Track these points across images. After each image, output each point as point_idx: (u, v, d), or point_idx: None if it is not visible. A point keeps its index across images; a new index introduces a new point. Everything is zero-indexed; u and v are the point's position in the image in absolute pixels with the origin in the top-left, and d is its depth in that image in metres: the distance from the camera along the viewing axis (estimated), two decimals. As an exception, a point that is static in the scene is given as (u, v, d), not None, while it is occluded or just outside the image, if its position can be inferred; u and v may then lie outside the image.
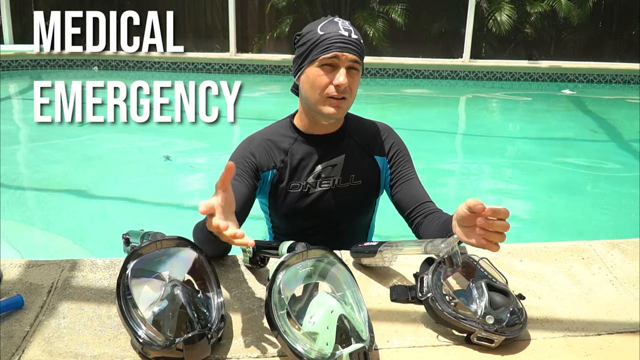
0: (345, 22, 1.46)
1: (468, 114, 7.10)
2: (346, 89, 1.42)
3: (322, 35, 1.42)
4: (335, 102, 1.43)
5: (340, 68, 1.41)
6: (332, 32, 1.42)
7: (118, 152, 4.93)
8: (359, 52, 1.43)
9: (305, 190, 1.55)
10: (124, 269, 1.04)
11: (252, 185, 1.49)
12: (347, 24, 1.46)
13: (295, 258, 1.03)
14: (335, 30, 1.42)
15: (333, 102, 1.43)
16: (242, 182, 1.46)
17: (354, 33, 1.44)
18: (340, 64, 1.41)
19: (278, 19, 9.07)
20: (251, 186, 1.48)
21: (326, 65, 1.42)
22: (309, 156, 1.54)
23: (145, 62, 8.39)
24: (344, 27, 1.43)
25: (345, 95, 1.43)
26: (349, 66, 1.42)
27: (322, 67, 1.42)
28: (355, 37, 1.43)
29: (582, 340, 1.08)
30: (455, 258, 1.06)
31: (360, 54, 1.44)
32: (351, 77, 1.43)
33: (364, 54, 1.46)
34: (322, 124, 1.52)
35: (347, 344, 0.94)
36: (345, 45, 1.41)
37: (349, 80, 1.42)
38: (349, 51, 1.41)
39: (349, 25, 1.46)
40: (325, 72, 1.42)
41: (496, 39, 8.80)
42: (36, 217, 3.68)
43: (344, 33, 1.42)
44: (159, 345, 0.97)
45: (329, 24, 1.44)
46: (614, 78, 8.18)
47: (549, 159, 4.95)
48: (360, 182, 1.57)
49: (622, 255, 1.41)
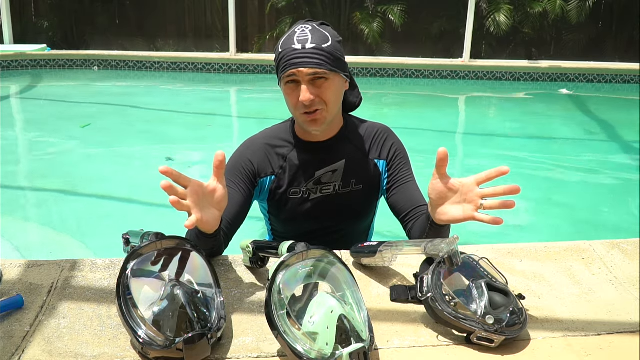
0: (305, 29, 1.39)
1: (468, 114, 7.10)
2: (315, 102, 1.38)
3: (280, 53, 1.39)
4: (309, 116, 1.40)
5: (302, 84, 1.37)
6: (287, 48, 1.38)
7: (119, 152, 4.93)
8: (319, 61, 1.35)
9: (305, 196, 1.54)
10: (124, 269, 1.04)
11: (247, 193, 1.48)
12: (307, 31, 1.38)
13: (295, 258, 1.03)
14: (289, 45, 1.37)
15: (308, 116, 1.41)
16: (237, 191, 1.46)
17: (310, 41, 1.36)
18: (299, 79, 1.37)
19: (278, 19, 9.07)
20: (246, 194, 1.48)
21: (290, 82, 1.39)
22: (308, 162, 1.53)
23: (145, 62, 8.39)
24: (298, 39, 1.37)
25: (319, 107, 1.39)
26: (311, 79, 1.37)
27: (287, 86, 1.40)
28: (312, 46, 1.35)
29: (582, 340, 1.08)
30: (455, 258, 1.06)
31: (322, 62, 1.36)
32: (318, 88, 1.38)
33: (331, 58, 1.37)
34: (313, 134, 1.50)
35: (347, 344, 0.94)
36: (299, 59, 1.35)
37: (317, 91, 1.38)
38: (304, 65, 1.35)
39: (309, 31, 1.38)
40: (292, 90, 1.39)
41: (496, 39, 8.80)
42: (36, 217, 3.68)
43: (297, 47, 1.36)
44: (159, 345, 0.97)
45: (287, 38, 1.40)
46: (614, 78, 8.18)
47: (549, 159, 4.95)
48: (361, 187, 1.56)
49: (622, 255, 1.41)
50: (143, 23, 9.40)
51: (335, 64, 1.39)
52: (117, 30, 9.30)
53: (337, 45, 1.42)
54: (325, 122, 1.44)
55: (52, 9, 9.39)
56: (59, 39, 9.20)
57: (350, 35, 8.89)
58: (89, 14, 9.33)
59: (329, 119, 1.44)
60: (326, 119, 1.43)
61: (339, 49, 1.43)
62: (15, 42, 8.59)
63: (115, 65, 8.41)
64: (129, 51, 8.65)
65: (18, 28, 8.84)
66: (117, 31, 9.28)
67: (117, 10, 9.46)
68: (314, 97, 1.37)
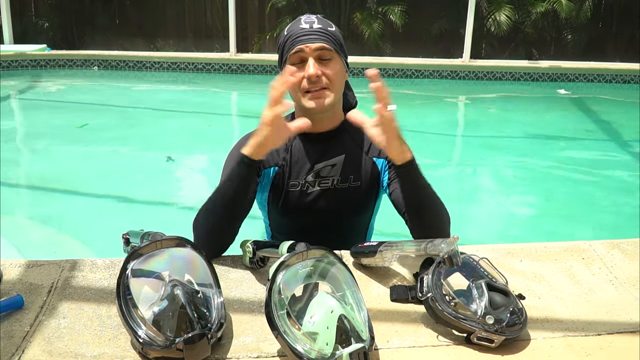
0: (310, 16, 1.47)
1: (468, 113, 7.10)
2: (321, 79, 1.42)
3: (286, 36, 1.46)
4: (314, 94, 1.43)
5: (308, 60, 1.41)
6: (294, 29, 1.44)
7: (119, 152, 4.93)
8: (326, 39, 1.42)
9: (304, 189, 1.54)
10: (124, 269, 1.04)
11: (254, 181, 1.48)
12: (313, 17, 1.46)
13: (295, 258, 1.03)
14: (297, 26, 1.44)
15: (312, 95, 1.43)
16: None
17: (317, 23, 1.44)
18: (307, 56, 1.42)
19: (278, 19, 9.06)
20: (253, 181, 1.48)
21: (296, 63, 1.43)
22: (309, 154, 1.54)
23: (145, 62, 8.38)
24: (306, 20, 1.44)
25: (325, 85, 1.43)
26: (318, 55, 1.42)
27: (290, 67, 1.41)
28: (319, 27, 1.43)
29: (582, 340, 1.08)
30: (455, 258, 1.06)
31: (328, 40, 1.42)
32: (325, 66, 1.42)
33: (336, 40, 1.45)
34: (317, 120, 1.49)
35: (347, 344, 0.94)
36: (306, 36, 1.42)
37: (322, 68, 1.42)
38: (312, 41, 1.41)
39: (315, 17, 1.46)
40: (297, 70, 1.42)
41: (496, 39, 8.80)
42: (36, 217, 3.68)
43: (305, 26, 1.43)
44: (159, 345, 0.97)
45: (294, 23, 1.47)
46: (614, 78, 8.17)
47: (549, 159, 4.95)
48: (359, 184, 1.56)
49: (622, 255, 1.41)
50: (143, 23, 9.40)
51: (339, 47, 1.46)
52: (117, 30, 9.29)
53: (340, 34, 1.49)
54: (330, 102, 1.45)
55: (52, 9, 9.38)
56: (59, 39, 9.19)
57: (350, 35, 8.89)
58: (89, 14, 9.32)
59: (332, 99, 1.46)
60: (330, 98, 1.45)
61: (342, 38, 1.50)
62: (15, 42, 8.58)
63: (115, 65, 8.40)
64: (129, 51, 8.65)
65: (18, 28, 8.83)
66: (117, 31, 9.27)
67: (117, 10, 9.45)
68: (320, 72, 1.41)
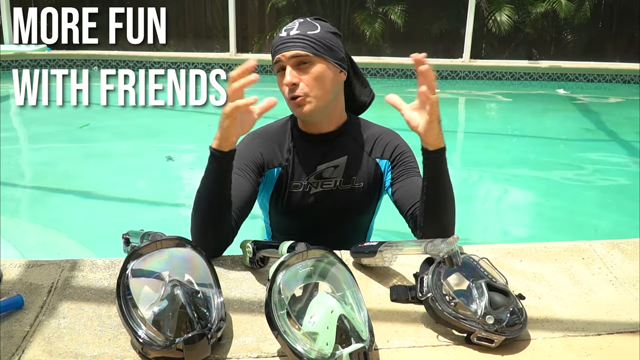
0: (295, 22, 1.46)
1: (468, 113, 7.10)
2: (298, 86, 1.42)
3: (272, 47, 1.48)
4: (296, 101, 1.44)
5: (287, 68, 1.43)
6: (275, 38, 1.46)
7: (119, 152, 4.93)
8: (302, 44, 1.41)
9: (306, 190, 1.54)
10: (124, 269, 1.04)
11: (255, 182, 1.48)
12: (297, 22, 1.45)
13: (295, 258, 1.03)
14: (278, 35, 1.46)
15: (295, 102, 1.44)
16: (246, 178, 1.46)
17: (296, 29, 1.42)
18: (284, 64, 1.43)
19: (278, 19, 9.06)
20: (254, 183, 1.48)
21: (279, 71, 1.45)
22: (312, 155, 1.54)
23: (145, 62, 8.38)
24: (287, 28, 1.45)
25: (301, 93, 1.42)
26: (295, 62, 1.42)
27: (278, 74, 1.46)
28: (297, 32, 1.42)
29: (582, 340, 1.08)
30: (455, 258, 1.06)
31: (305, 46, 1.41)
32: (302, 72, 1.42)
33: (317, 43, 1.42)
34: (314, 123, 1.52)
35: (347, 344, 0.94)
36: (283, 45, 1.42)
37: (300, 75, 1.42)
38: (287, 49, 1.41)
39: (298, 22, 1.45)
40: (281, 77, 1.45)
41: (496, 39, 8.80)
42: (36, 216, 3.68)
43: (283, 34, 1.44)
44: (159, 345, 0.97)
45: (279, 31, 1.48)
46: (614, 78, 8.18)
47: (549, 159, 4.95)
48: (362, 185, 1.56)
49: (622, 255, 1.41)
50: (143, 23, 9.39)
51: (322, 50, 1.43)
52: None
53: (326, 35, 1.45)
54: (313, 109, 1.44)
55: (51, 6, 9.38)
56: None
57: (350, 34, 8.89)
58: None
59: (315, 105, 1.44)
60: (312, 104, 1.44)
61: (330, 38, 1.46)
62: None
63: (115, 65, 8.40)
64: (129, 51, 8.65)
65: (18, 28, 8.84)
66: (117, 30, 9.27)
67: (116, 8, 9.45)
68: (297, 80, 1.41)
